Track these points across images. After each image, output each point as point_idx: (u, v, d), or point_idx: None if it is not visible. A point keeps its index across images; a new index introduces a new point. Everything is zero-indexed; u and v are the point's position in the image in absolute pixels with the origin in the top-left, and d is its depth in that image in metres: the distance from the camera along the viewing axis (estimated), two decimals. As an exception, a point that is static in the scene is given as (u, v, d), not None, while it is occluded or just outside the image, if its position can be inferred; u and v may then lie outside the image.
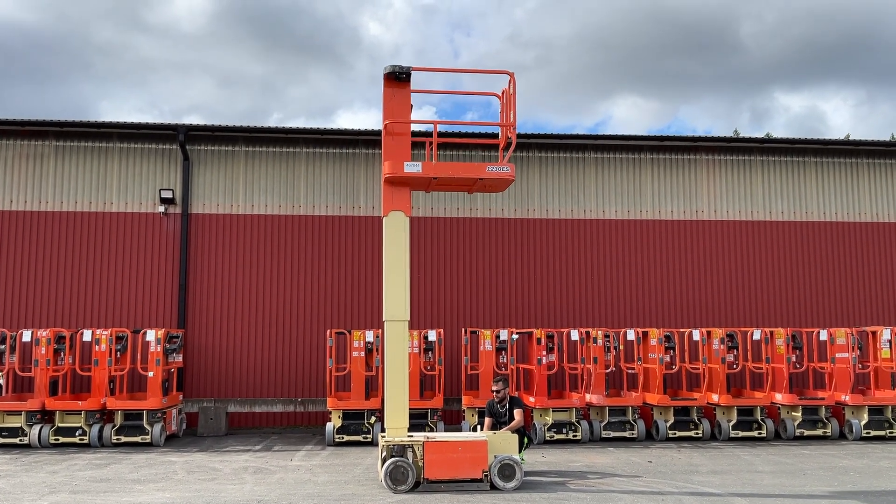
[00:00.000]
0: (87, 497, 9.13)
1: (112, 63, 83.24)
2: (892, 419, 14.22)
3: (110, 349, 13.94)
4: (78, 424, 13.56)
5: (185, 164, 16.44)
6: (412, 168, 9.67)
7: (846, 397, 14.31)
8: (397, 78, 9.83)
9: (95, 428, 13.51)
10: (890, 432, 14.15)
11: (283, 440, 14.36)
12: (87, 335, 14.17)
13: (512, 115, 9.85)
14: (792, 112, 78.82)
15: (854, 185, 18.11)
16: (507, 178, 9.83)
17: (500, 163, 9.90)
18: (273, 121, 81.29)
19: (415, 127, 11.08)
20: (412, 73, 9.81)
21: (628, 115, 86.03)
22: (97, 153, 16.50)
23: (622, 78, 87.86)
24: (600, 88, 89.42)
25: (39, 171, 16.34)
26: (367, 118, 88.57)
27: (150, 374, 13.83)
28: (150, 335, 14.02)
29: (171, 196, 16.17)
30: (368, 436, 13.71)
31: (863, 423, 14.14)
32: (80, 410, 13.58)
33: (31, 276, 15.97)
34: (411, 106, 9.97)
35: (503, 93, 10.11)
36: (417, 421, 13.67)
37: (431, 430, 13.72)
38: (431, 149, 10.06)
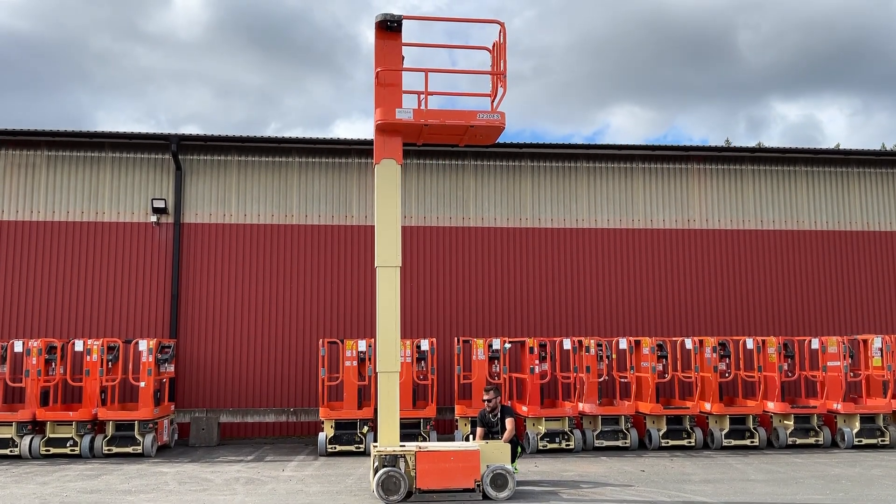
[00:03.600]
0: (78, 508, 9.08)
1: (109, 72, 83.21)
2: (884, 427, 14.25)
3: (102, 359, 13.88)
4: (69, 435, 13.48)
5: (178, 174, 16.42)
6: (404, 115, 9.66)
7: (838, 406, 14.35)
8: (389, 27, 9.79)
9: (87, 438, 13.43)
10: (882, 440, 14.18)
11: (275, 450, 14.31)
12: (78, 345, 14.12)
13: (502, 64, 9.82)
14: (788, 121, 79.25)
15: (845, 195, 18.21)
16: (497, 125, 9.77)
17: (491, 111, 9.89)
18: (270, 131, 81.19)
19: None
20: (403, 21, 9.75)
21: (625, 124, 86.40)
22: (89, 163, 16.48)
23: (619, 87, 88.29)
24: (598, 98, 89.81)
25: (31, 181, 16.30)
26: (366, 128, 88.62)
27: (142, 384, 13.78)
28: (142, 345, 13.97)
29: (163, 206, 16.15)
30: (361, 446, 13.67)
31: (855, 431, 14.16)
32: (72, 421, 13.51)
33: (22, 286, 15.91)
34: (403, 58, 9.95)
35: (494, 45, 10.09)
36: (410, 430, 13.66)
37: (424, 440, 13.70)
38: (422, 98, 10.03)
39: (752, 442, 14.21)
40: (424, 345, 14.57)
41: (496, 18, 9.94)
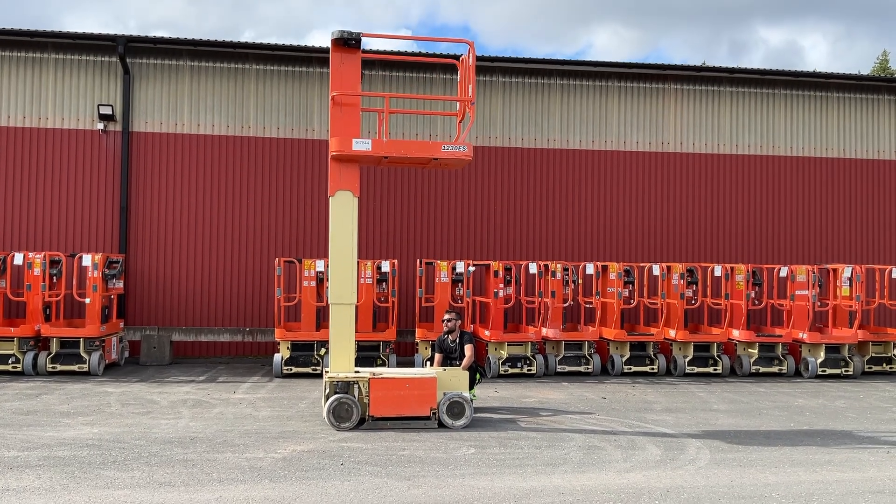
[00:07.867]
0: (8, 431, 8.54)
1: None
2: (849, 358, 14.12)
3: (44, 274, 13.17)
4: (11, 352, 12.88)
5: (126, 79, 15.39)
6: (361, 146, 8.93)
7: (803, 335, 14.16)
8: (346, 44, 9.01)
9: (29, 355, 12.85)
10: (846, 371, 14.08)
11: (229, 371, 13.86)
12: (18, 258, 13.38)
13: (471, 89, 9.10)
14: (770, 46, 78.01)
15: (823, 120, 17.70)
16: (463, 157, 9.15)
17: (457, 141, 9.23)
18: (245, 39, 78.23)
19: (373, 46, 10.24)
20: (362, 39, 9.00)
21: (609, 43, 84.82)
22: (31, 64, 15.36)
23: (604, 4, 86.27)
24: (582, 15, 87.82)
25: (-33, 82, 15.19)
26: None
27: (87, 300, 13.14)
28: (87, 260, 13.28)
29: (110, 112, 15.17)
30: (318, 368, 13.26)
31: (819, 361, 14.02)
32: (13, 337, 12.89)
33: (-40, 195, 14.99)
34: (362, 74, 9.23)
35: (462, 61, 9.36)
36: (369, 353, 13.30)
37: (383, 363, 13.32)
38: (383, 123, 9.33)
39: (714, 370, 14.04)
40: (385, 266, 14.03)
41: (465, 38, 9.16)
